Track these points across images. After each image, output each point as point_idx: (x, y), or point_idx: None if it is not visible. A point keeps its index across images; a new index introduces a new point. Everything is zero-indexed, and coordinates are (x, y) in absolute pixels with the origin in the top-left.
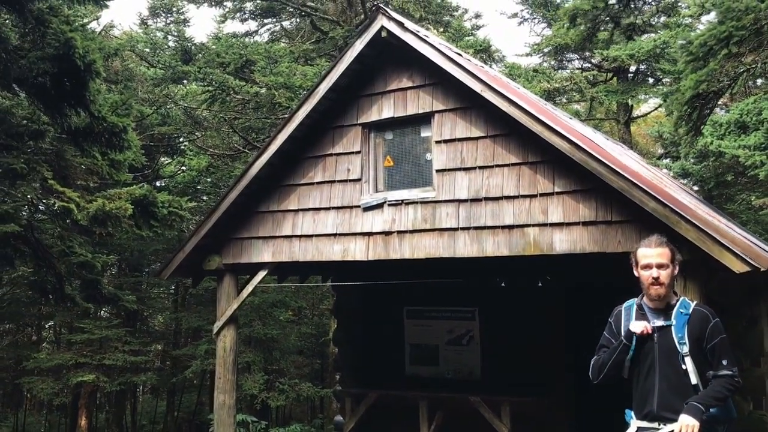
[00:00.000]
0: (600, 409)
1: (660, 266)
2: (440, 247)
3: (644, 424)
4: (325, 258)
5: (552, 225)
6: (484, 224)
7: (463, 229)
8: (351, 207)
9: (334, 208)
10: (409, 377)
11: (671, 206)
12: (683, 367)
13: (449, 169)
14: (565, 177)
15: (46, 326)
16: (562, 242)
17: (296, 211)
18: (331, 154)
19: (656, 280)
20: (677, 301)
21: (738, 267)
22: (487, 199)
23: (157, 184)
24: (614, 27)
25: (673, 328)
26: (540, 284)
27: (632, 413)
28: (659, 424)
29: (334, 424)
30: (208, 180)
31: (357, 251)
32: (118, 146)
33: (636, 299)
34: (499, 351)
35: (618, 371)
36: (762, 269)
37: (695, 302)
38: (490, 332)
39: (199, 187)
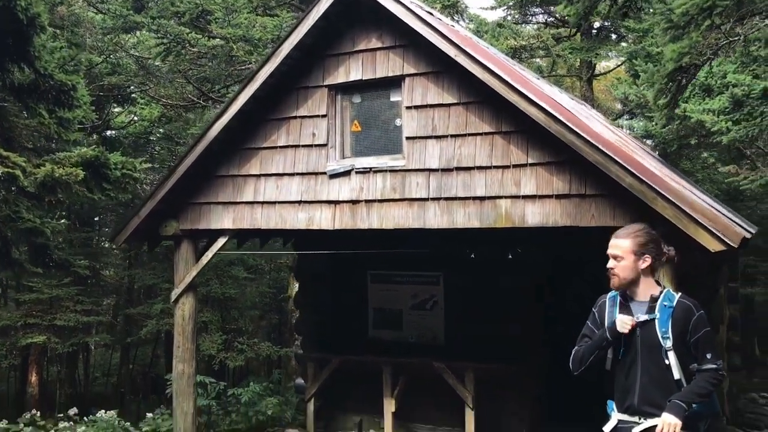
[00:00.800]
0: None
1: (614, 257)
2: (410, 217)
3: (625, 417)
4: (289, 226)
5: (524, 197)
6: (455, 195)
7: (433, 199)
8: (316, 173)
9: (298, 174)
10: (371, 341)
11: (648, 182)
12: (666, 361)
13: (420, 137)
14: (539, 148)
15: None
16: (534, 215)
17: (258, 176)
18: (295, 117)
19: (610, 270)
20: (661, 293)
21: (713, 246)
22: (458, 169)
23: (108, 133)
24: None
25: (656, 322)
26: (510, 257)
27: (614, 405)
28: (640, 418)
29: (295, 387)
30: (161, 131)
31: (323, 220)
32: (66, 104)
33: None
34: (463, 317)
35: (600, 365)
36: (735, 246)
37: (679, 294)
38: (455, 298)
39: (152, 138)
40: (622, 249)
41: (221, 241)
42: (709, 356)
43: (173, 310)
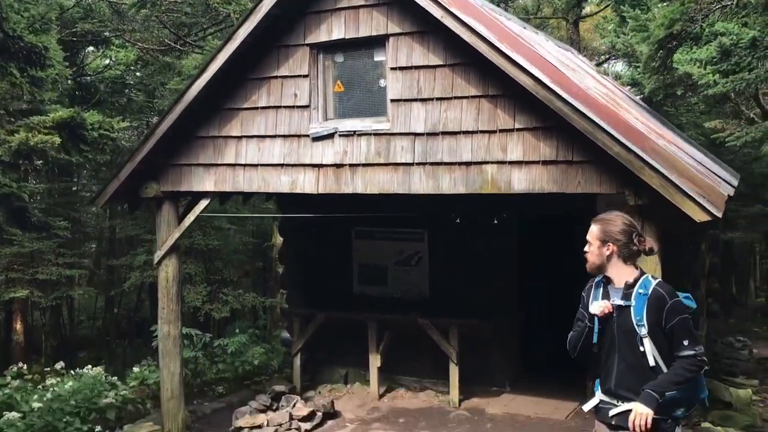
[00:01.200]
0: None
1: (586, 241)
2: (395, 182)
3: (605, 398)
4: (272, 189)
5: (511, 163)
6: (441, 160)
7: (418, 164)
8: (299, 136)
9: (280, 136)
10: (357, 296)
11: (636, 151)
12: (641, 348)
13: (405, 100)
14: (526, 113)
15: None
16: (520, 181)
17: (239, 137)
18: (276, 77)
19: (584, 254)
20: (638, 279)
21: (699, 216)
22: (444, 133)
23: (85, 80)
24: None
25: (632, 309)
26: (495, 222)
27: (599, 384)
28: (617, 401)
29: (281, 340)
30: (138, 74)
31: (306, 184)
32: (38, 63)
33: None
34: (447, 273)
35: (589, 350)
36: (719, 216)
37: (657, 281)
38: (439, 254)
39: (128, 82)
40: (591, 235)
41: (203, 203)
42: (686, 343)
43: (156, 271)
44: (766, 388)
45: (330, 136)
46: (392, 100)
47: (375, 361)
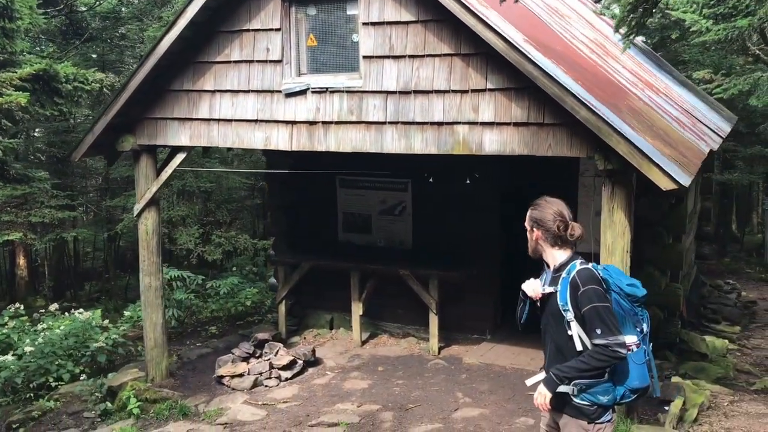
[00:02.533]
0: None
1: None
2: (367, 141)
3: (543, 375)
4: (246, 145)
5: (482, 124)
6: (413, 119)
7: (391, 123)
8: (272, 91)
9: (254, 91)
10: (342, 244)
11: (604, 117)
12: (569, 332)
13: (377, 57)
14: (498, 72)
15: None
16: (492, 143)
17: (213, 92)
18: (248, 30)
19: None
20: (568, 263)
21: (665, 184)
22: (416, 92)
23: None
24: None
25: (558, 294)
26: (468, 182)
27: None
28: None
29: (269, 286)
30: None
31: (280, 140)
32: (6, 16)
33: None
34: (430, 223)
35: (528, 322)
36: (686, 186)
37: (579, 267)
38: (423, 205)
39: (121, 15)
40: (526, 221)
41: (180, 157)
42: (598, 332)
43: (137, 224)
44: (748, 334)
45: (303, 92)
46: (364, 57)
47: (357, 309)
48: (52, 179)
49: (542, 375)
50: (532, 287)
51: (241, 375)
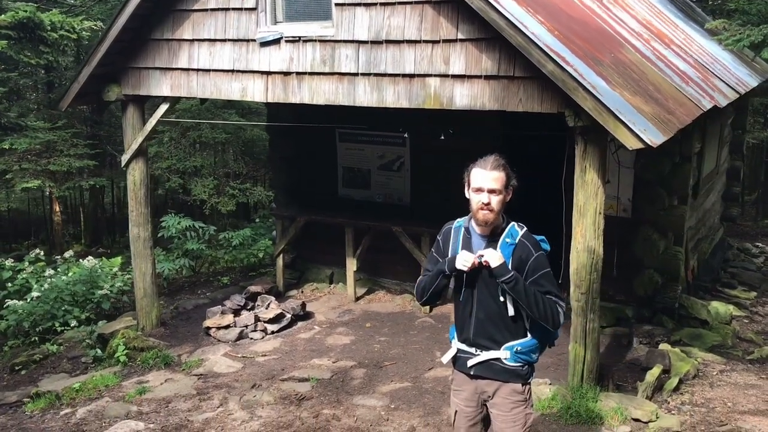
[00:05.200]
0: None
1: (492, 191)
2: (339, 93)
3: (463, 347)
4: (224, 96)
5: (453, 77)
6: (385, 71)
7: (363, 74)
8: (247, 41)
9: (230, 40)
10: (341, 199)
11: (569, 71)
12: (501, 298)
13: (349, 4)
14: (468, 22)
15: None
16: (462, 97)
17: (191, 41)
18: None
19: (486, 206)
20: (506, 227)
21: (631, 143)
22: (388, 42)
23: None
24: None
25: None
26: (442, 137)
27: (455, 332)
28: (476, 350)
29: (272, 239)
30: None
31: (256, 91)
32: None
33: (464, 219)
34: (429, 179)
35: (439, 297)
36: (654, 146)
37: (523, 230)
38: (420, 160)
39: None
40: (499, 181)
41: (163, 108)
42: (552, 298)
43: (126, 174)
44: (765, 300)
45: (276, 41)
46: (336, 4)
47: (351, 265)
48: (79, 128)
49: (454, 350)
50: (464, 260)
51: (227, 327)
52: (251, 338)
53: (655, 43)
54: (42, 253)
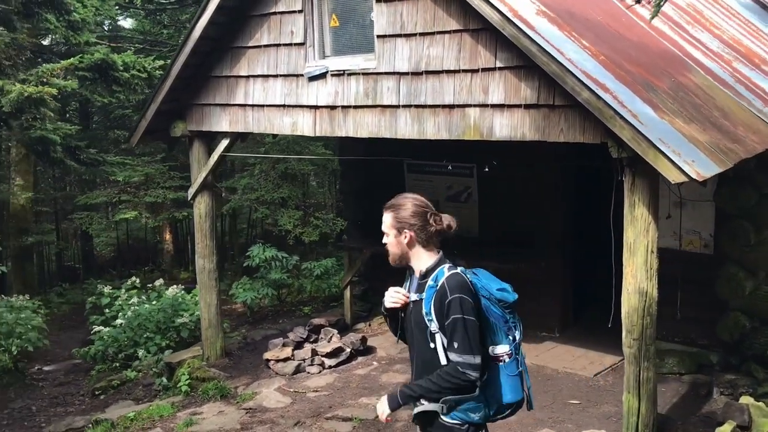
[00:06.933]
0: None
1: (384, 233)
2: (382, 126)
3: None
4: (276, 131)
5: (493, 106)
6: (425, 102)
7: (404, 106)
8: (297, 75)
9: (281, 75)
10: None
11: (605, 99)
12: (431, 344)
13: (389, 35)
14: (507, 50)
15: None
16: (502, 127)
17: (247, 77)
18: (274, 13)
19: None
20: (435, 269)
21: (673, 176)
22: (427, 72)
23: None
24: None
25: (423, 302)
26: (486, 169)
27: None
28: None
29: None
30: None
31: (305, 126)
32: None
33: None
34: (496, 210)
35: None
36: (700, 180)
37: (449, 273)
38: (489, 191)
39: None
40: (385, 225)
41: (224, 143)
42: (455, 345)
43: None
44: None
45: (323, 75)
46: (378, 36)
47: None
48: (169, 162)
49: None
50: (391, 297)
51: (285, 360)
52: (308, 372)
53: (738, 63)
54: (138, 281)
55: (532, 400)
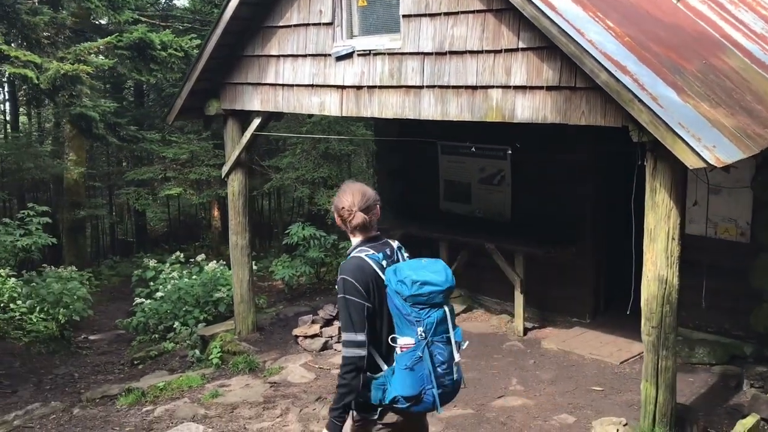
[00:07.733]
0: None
1: None
2: (406, 106)
3: None
4: (305, 110)
5: (515, 88)
6: (448, 83)
7: (428, 87)
8: (325, 55)
9: (310, 55)
10: (442, 213)
11: (624, 81)
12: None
13: (415, 15)
14: (529, 30)
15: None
16: (524, 109)
17: (278, 56)
18: None
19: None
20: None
21: (691, 161)
22: (451, 53)
23: None
24: None
25: None
26: (510, 152)
27: None
28: None
29: None
30: None
31: (332, 105)
32: None
33: None
34: (529, 194)
35: None
36: (720, 166)
37: (352, 256)
38: (523, 174)
39: None
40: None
41: (255, 122)
42: (341, 324)
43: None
44: None
45: (349, 55)
46: (404, 16)
47: None
48: (214, 140)
49: None
50: None
51: (313, 336)
52: (335, 349)
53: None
54: (182, 255)
55: (439, 404)
